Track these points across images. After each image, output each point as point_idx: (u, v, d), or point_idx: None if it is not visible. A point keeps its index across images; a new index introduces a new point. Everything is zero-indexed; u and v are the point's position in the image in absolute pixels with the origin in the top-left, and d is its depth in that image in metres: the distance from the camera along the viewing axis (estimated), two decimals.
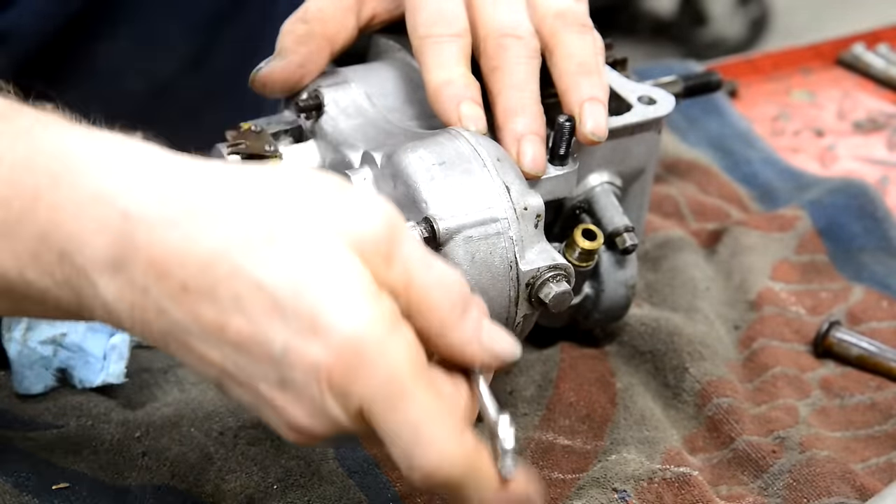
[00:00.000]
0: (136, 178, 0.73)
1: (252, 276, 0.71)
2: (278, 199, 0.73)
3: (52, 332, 0.96)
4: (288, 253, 0.71)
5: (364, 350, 0.70)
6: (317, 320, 0.70)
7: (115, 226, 0.72)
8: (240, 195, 0.73)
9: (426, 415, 0.71)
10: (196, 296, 0.72)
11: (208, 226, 0.72)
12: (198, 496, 0.92)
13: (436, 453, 0.71)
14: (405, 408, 0.71)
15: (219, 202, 0.72)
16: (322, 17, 0.99)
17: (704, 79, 1.19)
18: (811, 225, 1.18)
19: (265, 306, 0.71)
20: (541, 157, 0.93)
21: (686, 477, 0.94)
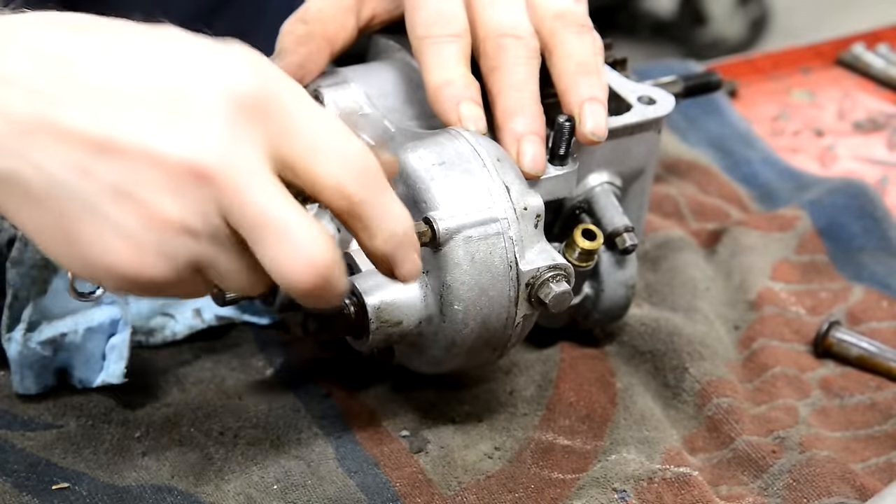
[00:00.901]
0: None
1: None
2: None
3: (52, 332, 0.96)
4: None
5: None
6: (212, 53, 0.76)
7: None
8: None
9: (301, 212, 0.75)
10: (78, 65, 0.75)
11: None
12: (198, 496, 0.92)
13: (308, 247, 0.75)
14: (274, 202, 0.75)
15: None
16: (322, 17, 0.99)
17: (704, 79, 1.19)
18: (811, 225, 1.18)
19: (154, 51, 0.77)
20: (541, 157, 0.93)
21: (686, 477, 0.94)
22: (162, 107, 0.75)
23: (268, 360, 1.03)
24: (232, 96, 0.75)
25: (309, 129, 0.77)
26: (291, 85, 0.78)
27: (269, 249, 0.75)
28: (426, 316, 0.91)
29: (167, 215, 0.75)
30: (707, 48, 3.47)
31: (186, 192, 0.74)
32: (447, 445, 0.96)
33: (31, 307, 0.96)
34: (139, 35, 0.78)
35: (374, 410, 0.99)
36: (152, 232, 0.75)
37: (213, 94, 0.75)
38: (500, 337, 0.92)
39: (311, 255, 0.75)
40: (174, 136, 0.74)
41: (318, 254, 0.75)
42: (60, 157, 0.75)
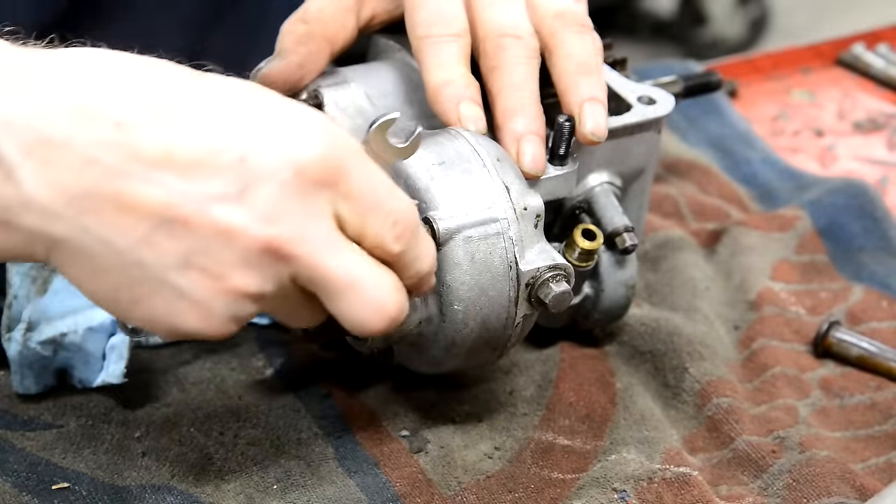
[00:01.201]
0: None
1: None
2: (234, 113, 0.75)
3: (52, 332, 0.96)
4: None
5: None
6: (278, 121, 0.75)
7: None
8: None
9: (369, 264, 0.78)
10: (135, 128, 0.72)
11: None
12: (198, 496, 0.92)
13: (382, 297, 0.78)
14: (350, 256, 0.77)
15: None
16: (322, 17, 0.99)
17: (704, 79, 1.19)
18: (811, 225, 1.18)
19: (221, 116, 0.74)
20: (540, 156, 0.93)
21: (686, 477, 0.94)
22: (229, 177, 0.73)
23: (268, 360, 1.03)
24: (301, 166, 0.74)
25: (365, 192, 0.78)
26: (352, 147, 0.78)
27: (341, 306, 0.78)
28: (426, 316, 0.91)
29: (240, 287, 0.75)
30: (707, 48, 3.47)
31: (261, 267, 0.75)
32: (447, 445, 0.96)
33: (31, 307, 0.96)
34: (198, 91, 0.75)
35: (374, 410, 0.99)
36: (224, 300, 0.75)
37: (282, 164, 0.74)
38: (500, 337, 0.92)
39: (383, 305, 0.78)
40: (245, 211, 0.73)
41: (389, 302, 0.78)
42: (122, 229, 0.73)
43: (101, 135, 0.72)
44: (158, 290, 0.75)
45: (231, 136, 0.74)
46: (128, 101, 0.73)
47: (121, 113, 0.73)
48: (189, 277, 0.74)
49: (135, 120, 0.73)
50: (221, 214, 0.73)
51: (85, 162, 0.72)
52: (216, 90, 0.76)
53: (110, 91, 0.74)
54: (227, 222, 0.73)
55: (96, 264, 0.74)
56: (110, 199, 0.73)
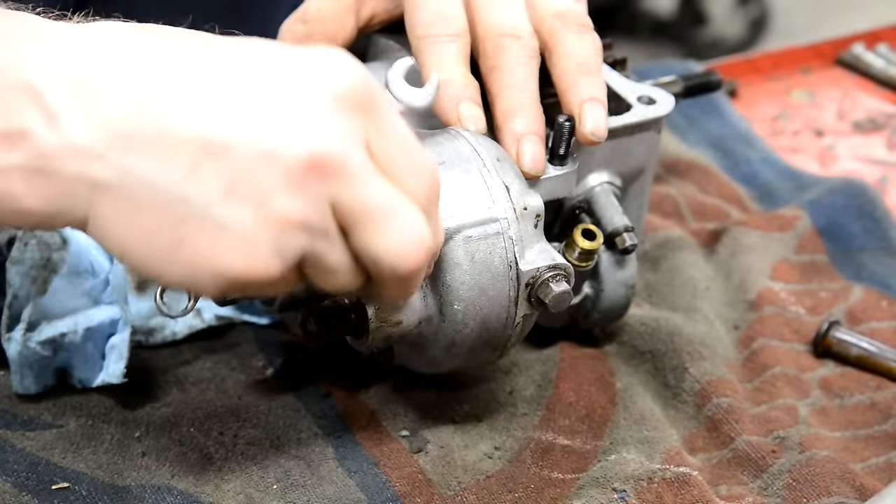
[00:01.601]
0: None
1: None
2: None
3: (52, 332, 0.96)
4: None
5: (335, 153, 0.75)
6: (310, 56, 0.76)
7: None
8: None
9: (402, 195, 0.77)
10: (176, 71, 0.74)
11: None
12: (198, 496, 0.92)
13: (412, 229, 0.77)
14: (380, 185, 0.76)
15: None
16: (321, 17, 0.99)
17: (704, 79, 1.19)
18: (811, 225, 1.18)
19: (254, 52, 0.76)
20: (540, 156, 0.93)
21: (686, 477, 0.94)
22: (270, 104, 0.74)
23: (268, 360, 1.03)
24: (337, 91, 0.75)
25: (396, 133, 0.78)
26: (381, 88, 0.79)
27: (381, 234, 0.76)
28: (426, 316, 0.91)
29: (286, 212, 0.74)
30: (707, 48, 3.47)
31: (305, 188, 0.74)
32: (447, 445, 0.96)
33: (31, 307, 0.96)
34: (231, 41, 0.77)
35: (374, 410, 0.99)
36: (268, 230, 0.74)
37: (320, 90, 0.75)
38: (499, 337, 0.92)
39: (420, 234, 0.77)
40: (288, 132, 0.73)
41: (425, 233, 0.77)
42: (166, 164, 0.73)
43: (143, 76, 0.74)
44: (201, 226, 0.73)
45: (270, 68, 0.75)
46: (168, 47, 0.75)
47: (161, 58, 0.74)
48: (233, 208, 0.73)
49: (176, 63, 0.74)
50: (263, 137, 0.73)
51: (128, 102, 0.73)
52: (253, 41, 0.77)
53: (150, 40, 0.76)
54: (268, 144, 0.73)
55: (139, 207, 0.73)
56: (154, 134, 0.73)
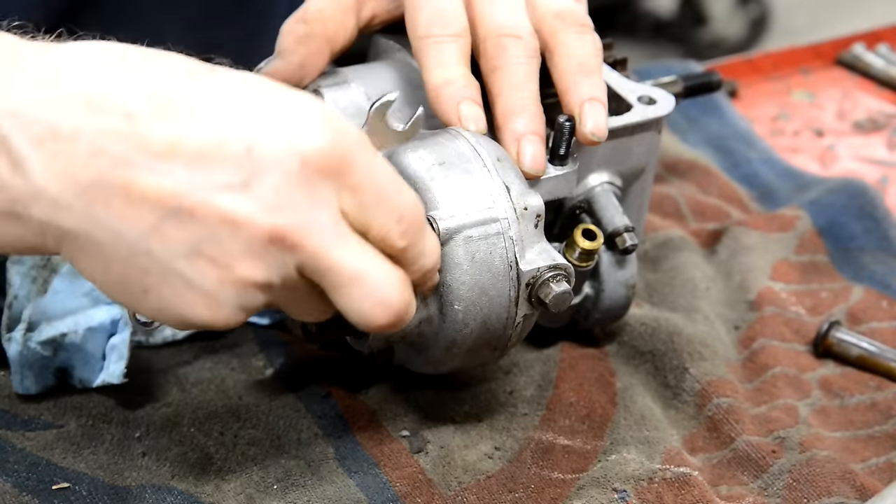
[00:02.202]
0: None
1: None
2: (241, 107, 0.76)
3: (52, 332, 0.96)
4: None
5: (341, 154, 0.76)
6: (283, 112, 0.75)
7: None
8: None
9: (375, 258, 0.78)
10: (142, 119, 0.72)
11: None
12: (198, 496, 0.92)
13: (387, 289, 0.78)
14: (353, 248, 0.77)
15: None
16: (322, 17, 0.99)
17: (704, 79, 1.19)
18: (811, 225, 1.18)
19: (226, 108, 0.74)
20: (541, 156, 0.93)
21: (686, 477, 0.94)
22: (235, 167, 0.74)
23: (268, 360, 1.03)
24: (306, 156, 0.75)
25: (371, 185, 0.78)
26: (358, 140, 0.78)
27: (346, 298, 0.77)
28: (426, 316, 0.91)
29: (249, 276, 0.75)
30: (707, 48, 3.47)
31: (268, 257, 0.75)
32: (447, 445, 0.96)
33: (31, 307, 0.96)
34: (206, 83, 0.76)
35: (374, 410, 0.99)
36: (232, 289, 0.76)
37: (287, 154, 0.74)
38: (500, 337, 0.92)
39: (388, 299, 0.78)
40: (251, 200, 0.74)
41: (395, 297, 0.78)
42: (131, 220, 0.73)
43: (109, 126, 0.73)
44: (167, 279, 0.75)
45: (237, 127, 0.74)
46: (136, 93, 0.74)
47: (129, 104, 0.73)
48: (197, 267, 0.74)
49: (142, 111, 0.73)
50: (227, 204, 0.74)
51: (93, 153, 0.73)
52: (223, 82, 0.76)
53: (118, 83, 0.74)
54: (232, 211, 0.74)
55: (106, 255, 0.75)
56: (119, 189, 0.73)
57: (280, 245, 0.75)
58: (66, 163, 0.73)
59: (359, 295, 0.77)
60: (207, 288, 0.75)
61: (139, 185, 0.73)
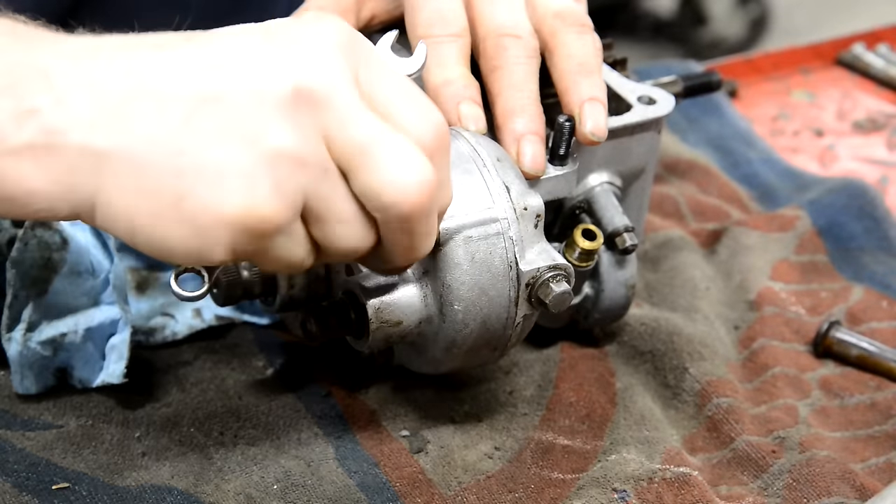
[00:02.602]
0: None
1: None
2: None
3: (52, 332, 0.96)
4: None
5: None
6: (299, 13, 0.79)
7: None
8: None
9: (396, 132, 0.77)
10: (167, 37, 0.79)
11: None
12: (198, 496, 0.92)
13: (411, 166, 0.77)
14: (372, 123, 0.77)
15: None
16: None
17: (704, 79, 1.19)
18: (811, 225, 1.18)
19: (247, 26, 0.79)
20: (540, 156, 0.93)
21: (686, 477, 0.94)
22: (257, 52, 0.76)
23: (268, 360, 1.03)
24: (323, 31, 0.77)
25: (393, 78, 0.79)
26: (375, 51, 0.81)
27: (377, 171, 0.76)
28: (426, 316, 0.91)
29: (280, 146, 0.75)
30: (707, 48, 3.47)
31: (296, 119, 0.75)
32: (447, 445, 0.96)
33: (31, 307, 0.96)
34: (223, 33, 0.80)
35: (374, 410, 0.99)
36: (265, 167, 0.75)
37: (310, 33, 0.77)
38: (500, 337, 0.92)
39: (419, 168, 0.77)
40: (275, 71, 0.75)
41: (425, 168, 0.77)
42: (162, 119, 0.75)
43: (138, 49, 0.77)
44: (201, 175, 0.75)
45: (262, 26, 0.79)
46: (154, 35, 0.79)
47: (152, 39, 0.79)
48: (228, 150, 0.75)
49: (165, 39, 0.78)
50: (251, 79, 0.75)
51: (125, 74, 0.76)
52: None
53: (140, 38, 0.79)
54: (256, 84, 0.75)
55: (139, 168, 0.75)
56: (149, 96, 0.75)
57: (306, 103, 0.75)
58: (102, 87, 0.76)
59: (389, 163, 0.76)
60: (241, 169, 0.75)
61: (167, 87, 0.76)
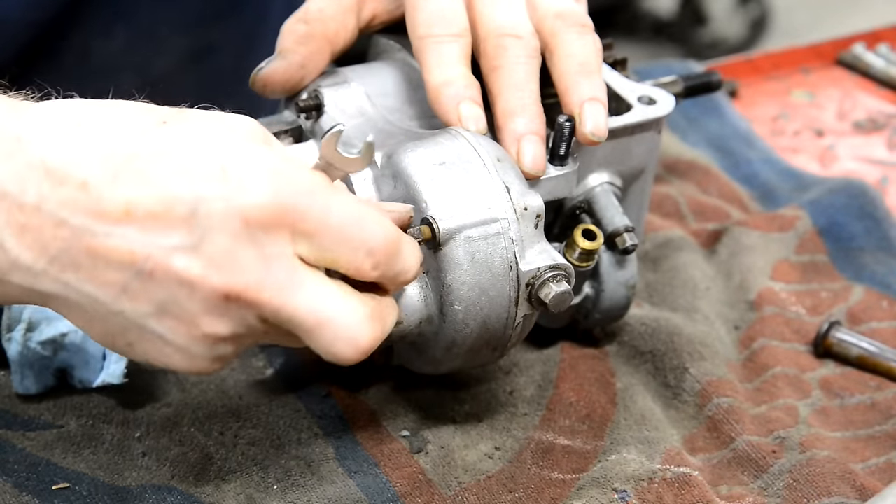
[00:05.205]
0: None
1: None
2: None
3: (52, 332, 0.96)
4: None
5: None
6: (226, 170, 0.76)
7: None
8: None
9: (339, 297, 0.79)
10: (97, 187, 0.75)
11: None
12: (198, 496, 0.92)
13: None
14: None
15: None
16: (322, 17, 0.99)
17: (704, 79, 1.19)
18: (811, 225, 1.18)
19: (174, 169, 0.75)
20: (541, 156, 0.93)
21: (686, 477, 0.94)
22: (185, 229, 0.76)
23: (268, 360, 1.03)
24: (247, 214, 0.76)
25: (328, 227, 0.78)
26: (307, 186, 0.78)
27: (314, 342, 0.79)
28: (426, 316, 0.91)
29: (212, 332, 0.78)
30: (707, 48, 3.47)
31: (224, 313, 0.77)
32: (447, 445, 0.96)
33: (31, 307, 0.96)
34: (157, 141, 0.77)
35: (374, 410, 0.99)
36: (201, 345, 0.78)
37: (230, 213, 0.76)
38: (500, 337, 0.92)
39: (355, 338, 0.79)
40: (201, 261, 0.76)
41: (361, 335, 0.79)
42: (100, 284, 0.76)
43: (67, 196, 0.76)
44: (144, 336, 0.78)
45: (184, 187, 0.76)
46: (90, 159, 0.76)
47: (84, 172, 0.76)
48: (166, 325, 0.77)
49: (97, 178, 0.76)
50: (181, 265, 0.76)
51: (56, 224, 0.76)
52: (174, 137, 0.77)
53: (75, 150, 0.76)
54: (186, 273, 0.76)
55: (86, 315, 0.78)
56: (83, 256, 0.76)
57: (236, 303, 0.77)
58: (34, 235, 0.76)
59: (325, 338, 0.78)
60: (180, 343, 0.78)
61: (101, 250, 0.76)
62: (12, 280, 0.78)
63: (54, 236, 0.76)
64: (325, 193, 0.78)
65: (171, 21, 1.23)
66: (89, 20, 1.19)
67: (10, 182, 0.76)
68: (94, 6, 1.18)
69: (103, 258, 0.76)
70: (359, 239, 0.79)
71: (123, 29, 1.21)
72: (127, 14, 1.21)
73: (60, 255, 0.76)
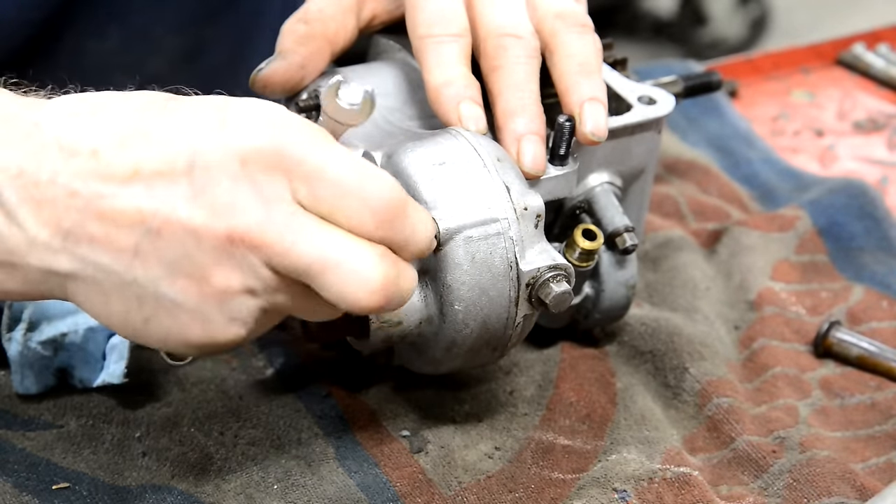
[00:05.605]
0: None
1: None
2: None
3: (53, 332, 0.96)
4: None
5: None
6: (225, 121, 0.77)
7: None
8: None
9: (344, 239, 0.77)
10: (106, 153, 0.76)
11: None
12: (198, 496, 0.92)
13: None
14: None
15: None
16: (322, 17, 0.99)
17: (704, 79, 1.19)
18: (811, 225, 1.18)
19: (176, 128, 0.77)
20: (541, 156, 0.93)
21: (686, 477, 0.94)
22: (186, 179, 0.76)
23: (268, 360, 1.03)
24: (244, 155, 0.76)
25: (325, 177, 0.78)
26: (305, 131, 0.78)
27: (326, 287, 0.77)
28: (426, 316, 0.91)
29: (221, 285, 0.77)
30: (707, 48, 3.47)
31: (232, 260, 0.76)
32: (447, 445, 0.96)
33: (31, 307, 0.96)
34: (159, 108, 0.78)
35: (374, 410, 0.99)
36: (216, 302, 0.77)
37: (226, 157, 0.76)
38: (500, 337, 0.92)
39: (369, 279, 0.77)
40: (203, 208, 0.76)
41: (376, 276, 0.77)
42: (112, 250, 0.76)
43: (79, 166, 0.76)
44: (159, 305, 0.78)
45: (183, 142, 0.77)
46: (100, 131, 0.77)
47: (94, 142, 0.77)
48: (178, 286, 0.77)
49: (106, 145, 0.77)
50: (185, 215, 0.76)
51: (69, 194, 0.76)
52: (176, 105, 0.79)
53: (87, 126, 0.77)
54: (190, 221, 0.76)
55: (103, 291, 0.78)
56: (95, 223, 0.76)
57: (241, 246, 0.76)
58: (49, 209, 0.76)
59: (337, 281, 0.77)
60: (193, 306, 0.77)
61: (110, 212, 0.76)
62: (31, 262, 0.77)
63: (67, 207, 0.76)
64: (325, 144, 0.78)
65: (165, 21, 1.23)
66: (83, 20, 1.18)
67: (27, 161, 0.77)
68: (88, 6, 1.18)
69: (113, 220, 0.76)
70: (358, 192, 0.78)
71: (117, 29, 1.21)
72: (121, 14, 1.21)
73: (74, 229, 0.76)
